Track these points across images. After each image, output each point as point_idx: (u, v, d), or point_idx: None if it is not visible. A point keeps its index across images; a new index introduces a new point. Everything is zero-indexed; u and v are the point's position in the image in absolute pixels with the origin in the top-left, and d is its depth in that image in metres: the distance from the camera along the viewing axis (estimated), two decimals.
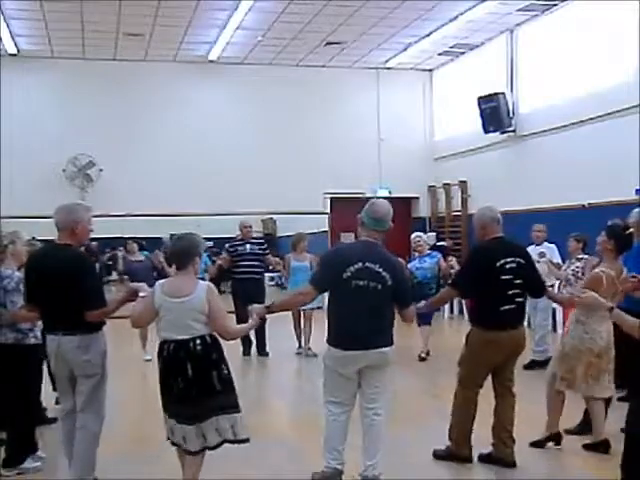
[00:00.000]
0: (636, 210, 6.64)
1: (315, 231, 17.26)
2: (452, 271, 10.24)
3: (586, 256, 8.11)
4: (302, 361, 10.38)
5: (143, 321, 4.68)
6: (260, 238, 11.83)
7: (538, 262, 7.27)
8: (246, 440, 4.44)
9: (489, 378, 5.43)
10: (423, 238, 10.62)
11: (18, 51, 15.36)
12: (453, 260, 12.07)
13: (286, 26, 14.22)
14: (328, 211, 17.37)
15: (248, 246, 10.76)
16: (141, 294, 4.58)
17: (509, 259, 5.21)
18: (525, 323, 5.79)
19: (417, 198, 18.03)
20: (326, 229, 17.34)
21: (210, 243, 16.22)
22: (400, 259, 5.40)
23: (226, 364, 4.45)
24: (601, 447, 5.48)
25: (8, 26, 13.81)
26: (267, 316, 5.02)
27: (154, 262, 11.03)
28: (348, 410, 4.81)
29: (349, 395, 4.80)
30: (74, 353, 4.56)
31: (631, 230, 5.73)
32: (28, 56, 15.61)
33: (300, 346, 10.70)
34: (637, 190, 11.36)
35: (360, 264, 4.65)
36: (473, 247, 5.65)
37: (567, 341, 5.65)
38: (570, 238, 8.50)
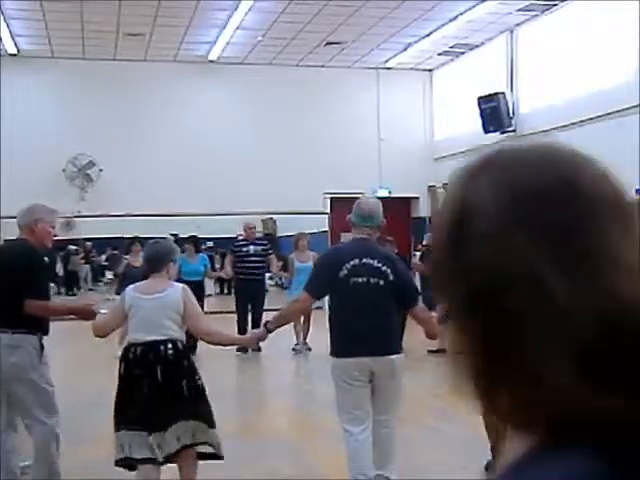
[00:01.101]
0: None
1: (315, 231, 17.25)
2: None
3: None
4: (299, 359, 10.39)
5: (106, 328, 4.44)
6: (263, 239, 11.83)
7: None
8: (214, 457, 4.21)
9: None
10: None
11: (18, 51, 15.37)
12: None
13: (286, 26, 14.22)
14: (328, 211, 17.38)
15: (252, 247, 10.81)
16: (102, 310, 4.54)
17: None
18: None
19: (417, 198, 18.03)
20: (326, 229, 17.34)
21: (210, 243, 16.24)
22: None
23: (199, 376, 4.25)
24: None
25: (8, 26, 13.82)
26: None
27: None
28: (366, 426, 4.44)
29: (364, 409, 4.45)
30: (3, 352, 4.41)
31: None
32: (28, 56, 15.62)
33: (298, 342, 10.64)
34: (637, 190, 11.35)
35: (357, 260, 4.39)
36: None
37: None
38: None
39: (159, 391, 4.07)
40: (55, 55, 15.87)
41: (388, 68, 17.35)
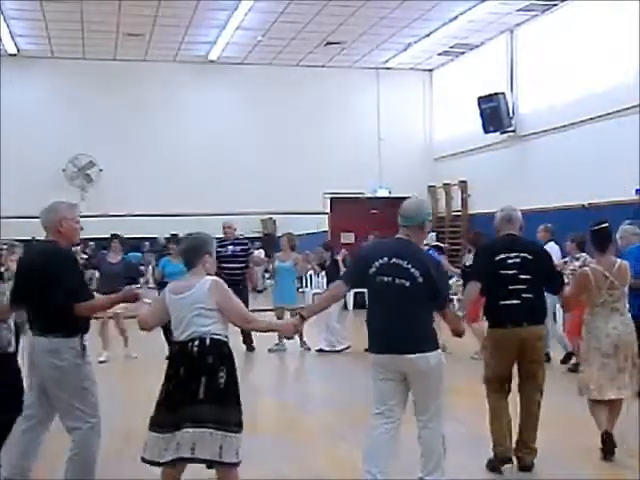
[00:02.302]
0: (627, 226, 6.62)
1: (315, 231, 17.28)
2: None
3: (584, 254, 8.12)
4: (299, 358, 10.40)
5: (150, 321, 4.43)
6: (243, 239, 11.37)
7: None
8: (219, 462, 3.99)
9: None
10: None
11: (18, 51, 15.37)
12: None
13: (286, 26, 14.22)
14: (328, 211, 17.37)
15: (230, 247, 10.51)
16: (146, 300, 4.50)
17: (512, 254, 5.15)
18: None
19: None
20: (326, 229, 17.35)
21: None
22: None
23: (228, 373, 4.07)
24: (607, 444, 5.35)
25: (8, 26, 13.82)
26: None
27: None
28: (388, 424, 4.43)
29: (387, 405, 4.45)
30: (44, 356, 4.37)
31: (603, 226, 5.61)
32: (28, 56, 15.61)
33: (279, 342, 10.56)
34: (637, 190, 11.36)
35: (386, 259, 4.43)
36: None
37: (582, 345, 5.62)
38: (568, 238, 8.55)
39: (180, 390, 4.03)
40: (55, 55, 15.86)
41: (388, 68, 17.35)
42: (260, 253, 14.97)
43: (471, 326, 9.17)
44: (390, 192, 17.52)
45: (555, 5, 13.30)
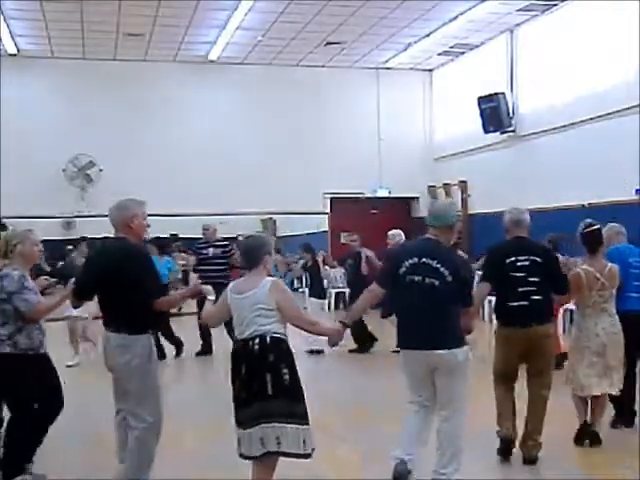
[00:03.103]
0: (612, 224, 6.66)
1: (315, 231, 17.28)
2: None
3: (560, 257, 8.18)
4: (300, 359, 10.37)
5: (214, 319, 4.62)
6: (224, 240, 11.05)
7: None
8: (299, 454, 4.21)
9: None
10: (396, 237, 10.61)
11: (18, 51, 15.36)
12: None
13: (286, 26, 14.22)
14: (328, 211, 17.37)
15: (211, 249, 10.38)
16: (210, 297, 4.63)
17: (522, 257, 5.30)
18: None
19: (417, 198, 18.02)
20: (326, 229, 17.35)
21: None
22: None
23: (290, 369, 4.24)
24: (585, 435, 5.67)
25: (8, 26, 13.82)
26: None
27: None
28: (420, 410, 4.70)
29: (416, 395, 4.72)
30: (116, 351, 4.50)
31: (594, 227, 5.78)
32: (28, 56, 15.61)
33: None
34: (637, 190, 11.36)
35: (416, 259, 4.62)
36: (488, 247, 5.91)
37: (570, 341, 5.84)
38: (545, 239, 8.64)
39: (244, 388, 4.19)
40: (55, 55, 15.86)
41: (388, 68, 17.35)
42: None
43: None
44: (390, 192, 17.54)
45: (555, 5, 13.30)
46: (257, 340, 4.18)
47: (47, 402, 4.92)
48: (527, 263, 5.29)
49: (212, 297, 4.60)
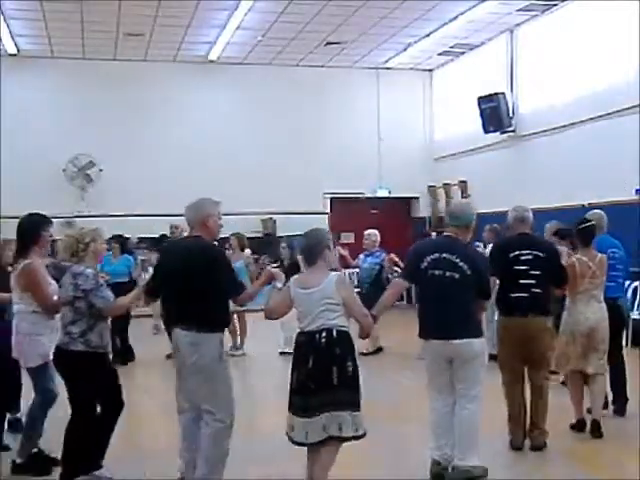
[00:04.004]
0: (596, 210, 7.08)
1: None
2: (395, 268, 10.22)
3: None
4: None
5: (278, 312, 4.72)
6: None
7: None
8: (355, 437, 4.44)
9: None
10: (372, 237, 10.59)
11: (18, 51, 15.36)
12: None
13: (286, 26, 14.22)
14: (328, 211, 17.37)
15: None
16: (278, 285, 4.72)
17: (525, 251, 5.62)
18: None
19: (417, 198, 18.03)
20: (326, 229, 17.33)
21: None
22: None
23: (353, 361, 4.44)
24: (578, 426, 6.05)
25: (8, 26, 13.81)
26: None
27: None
28: (445, 400, 4.97)
29: (443, 385, 4.97)
30: (187, 349, 4.55)
31: (589, 224, 6.22)
32: (28, 56, 15.60)
33: (233, 345, 10.45)
34: (637, 190, 11.36)
35: (437, 254, 4.93)
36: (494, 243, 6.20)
37: (561, 327, 6.15)
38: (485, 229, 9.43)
39: (310, 378, 4.36)
40: (55, 55, 15.86)
41: (388, 68, 17.34)
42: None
43: None
44: (390, 192, 17.53)
45: (555, 5, 13.30)
46: (324, 333, 4.37)
47: (112, 400, 4.97)
48: (530, 257, 5.61)
49: (280, 284, 4.74)
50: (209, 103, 16.70)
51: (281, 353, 10.25)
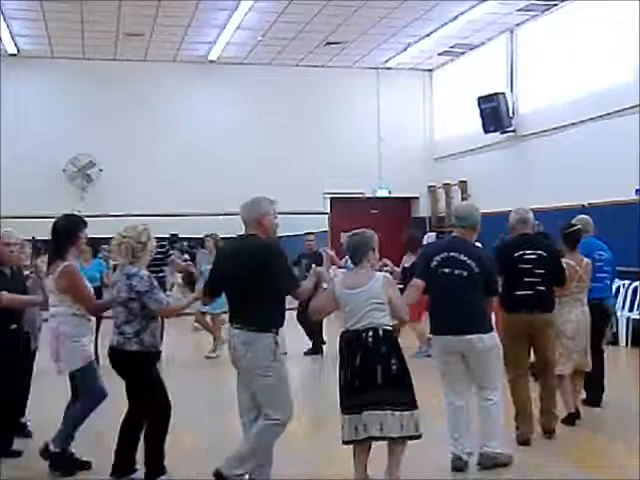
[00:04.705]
0: (582, 215, 7.27)
1: (315, 231, 17.23)
2: (386, 268, 10.16)
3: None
4: (302, 360, 10.37)
5: (324, 311, 4.93)
6: (162, 240, 10.42)
7: None
8: (402, 437, 4.51)
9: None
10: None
11: (18, 51, 15.36)
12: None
13: (286, 26, 14.22)
14: (328, 211, 17.37)
15: None
16: (324, 285, 4.88)
17: (529, 251, 5.83)
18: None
19: (417, 198, 18.03)
20: (326, 229, 17.34)
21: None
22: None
23: (398, 360, 4.55)
24: (571, 417, 6.27)
25: (8, 26, 13.81)
26: None
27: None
28: (459, 394, 5.15)
29: (458, 382, 5.15)
30: (240, 348, 4.55)
31: (575, 228, 6.53)
32: (28, 56, 15.61)
33: (215, 348, 10.42)
34: (637, 190, 11.36)
35: (445, 254, 5.17)
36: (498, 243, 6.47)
37: None
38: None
39: (356, 376, 4.52)
40: (55, 55, 15.86)
41: (388, 68, 17.34)
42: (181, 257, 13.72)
43: (412, 326, 9.18)
44: (390, 192, 17.53)
45: (555, 5, 13.30)
46: (370, 332, 4.51)
47: (164, 400, 4.94)
48: (534, 256, 5.82)
49: (326, 284, 4.87)
50: (209, 103, 16.70)
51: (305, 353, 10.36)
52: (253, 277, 4.48)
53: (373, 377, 4.47)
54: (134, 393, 4.92)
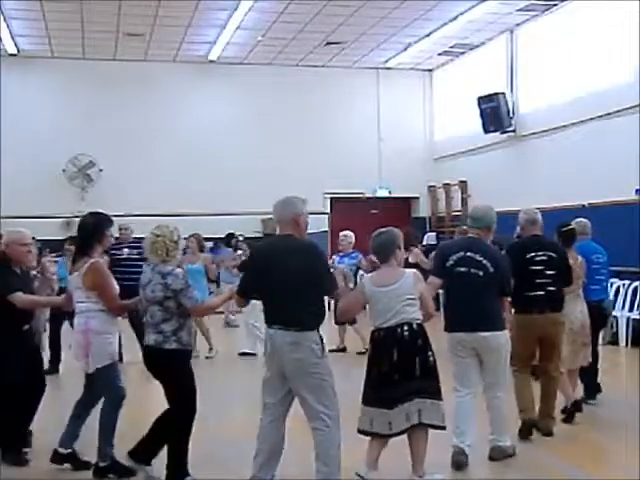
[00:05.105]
0: (581, 219, 7.38)
1: (315, 231, 17.22)
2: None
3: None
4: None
5: (353, 311, 5.10)
6: (139, 241, 10.64)
7: None
8: (433, 426, 4.66)
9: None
10: (348, 238, 10.56)
11: (18, 51, 15.36)
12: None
13: (286, 26, 14.22)
14: (328, 211, 17.37)
15: (126, 250, 9.90)
16: (350, 283, 5.04)
17: (540, 252, 5.95)
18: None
19: (417, 198, 18.03)
20: (326, 229, 17.32)
21: (210, 244, 16.07)
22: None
23: (431, 352, 4.69)
24: (574, 406, 6.40)
25: (8, 26, 13.81)
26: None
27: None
28: (468, 392, 5.29)
29: (468, 378, 5.30)
30: (287, 349, 4.47)
31: (570, 227, 6.71)
32: (28, 56, 15.61)
33: (211, 347, 10.31)
34: (637, 190, 11.36)
35: (461, 253, 5.31)
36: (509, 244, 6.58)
37: None
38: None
39: (394, 370, 4.61)
40: (55, 55, 15.86)
41: (388, 68, 17.35)
42: None
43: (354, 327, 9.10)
44: (390, 192, 17.53)
45: (555, 5, 13.30)
46: (405, 327, 4.64)
47: (194, 400, 4.90)
48: (545, 258, 5.95)
49: (352, 284, 4.91)
50: (209, 103, 16.70)
51: (241, 354, 10.23)
52: (301, 277, 4.45)
53: (412, 369, 4.60)
54: (171, 393, 4.85)
